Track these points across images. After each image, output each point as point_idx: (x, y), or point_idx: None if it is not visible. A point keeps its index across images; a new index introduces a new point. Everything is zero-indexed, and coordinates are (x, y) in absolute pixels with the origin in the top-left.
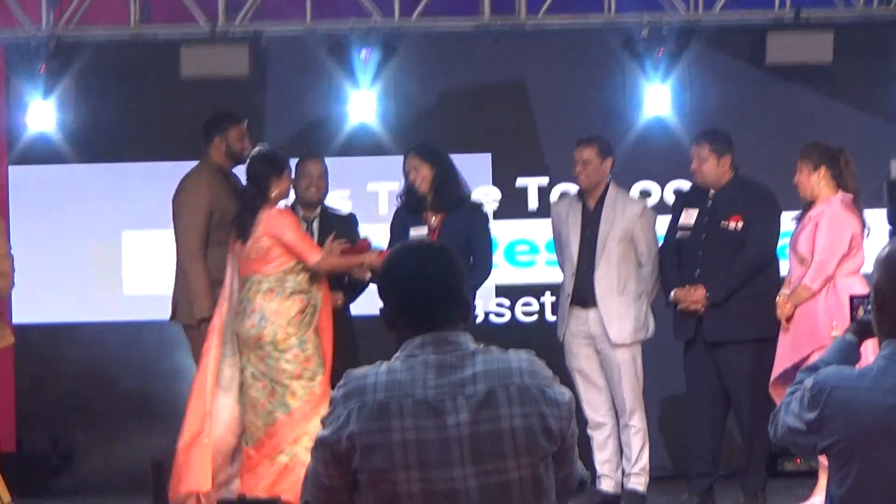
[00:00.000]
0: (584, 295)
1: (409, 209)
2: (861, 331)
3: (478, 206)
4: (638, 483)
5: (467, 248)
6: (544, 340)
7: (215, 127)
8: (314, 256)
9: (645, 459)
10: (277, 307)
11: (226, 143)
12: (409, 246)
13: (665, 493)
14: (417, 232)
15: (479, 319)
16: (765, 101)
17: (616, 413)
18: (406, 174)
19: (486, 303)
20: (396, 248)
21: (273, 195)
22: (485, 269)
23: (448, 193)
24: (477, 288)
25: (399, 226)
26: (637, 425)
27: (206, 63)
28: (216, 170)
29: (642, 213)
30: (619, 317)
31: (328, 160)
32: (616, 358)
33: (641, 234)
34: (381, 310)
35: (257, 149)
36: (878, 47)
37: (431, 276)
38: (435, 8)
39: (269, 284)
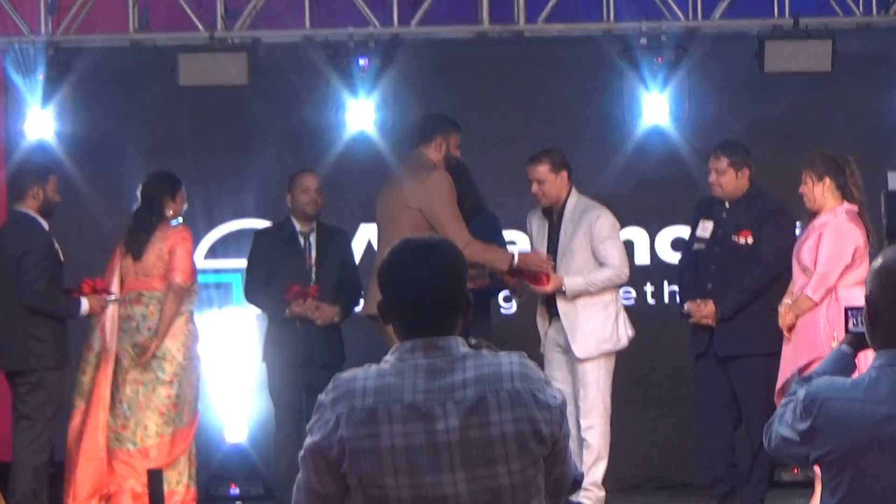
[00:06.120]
0: (551, 307)
1: None
2: (856, 342)
3: (490, 214)
4: (587, 497)
5: None
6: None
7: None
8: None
9: (598, 475)
10: None
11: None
12: (411, 244)
13: (673, 501)
14: None
15: None
16: (763, 110)
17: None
18: None
19: None
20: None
21: (168, 214)
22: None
23: (465, 205)
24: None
25: None
26: (589, 440)
27: (205, 70)
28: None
29: (598, 218)
30: (581, 330)
31: (325, 169)
32: (580, 371)
33: (598, 239)
34: (378, 303)
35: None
36: (877, 56)
37: (429, 279)
38: (433, 16)
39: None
